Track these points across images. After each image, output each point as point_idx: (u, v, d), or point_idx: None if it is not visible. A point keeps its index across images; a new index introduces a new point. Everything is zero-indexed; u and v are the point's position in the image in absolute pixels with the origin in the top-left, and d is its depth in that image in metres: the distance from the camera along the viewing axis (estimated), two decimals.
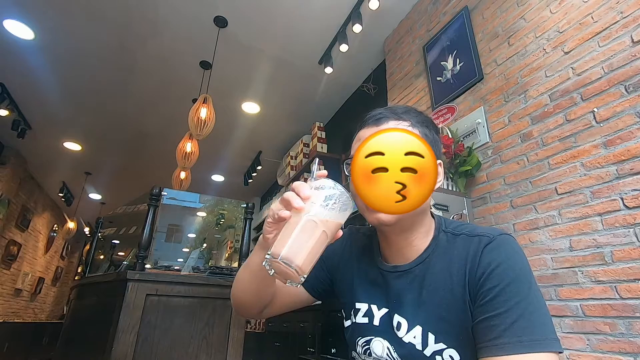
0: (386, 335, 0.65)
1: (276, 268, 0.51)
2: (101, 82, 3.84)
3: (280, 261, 0.49)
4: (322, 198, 0.53)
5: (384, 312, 0.67)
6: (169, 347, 1.52)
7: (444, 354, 0.59)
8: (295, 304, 0.80)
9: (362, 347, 0.69)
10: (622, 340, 1.24)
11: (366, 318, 0.69)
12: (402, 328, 0.63)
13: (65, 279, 9.02)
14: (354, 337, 0.71)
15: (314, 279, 0.78)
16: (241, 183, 5.93)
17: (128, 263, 2.11)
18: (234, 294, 0.73)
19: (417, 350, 0.60)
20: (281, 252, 0.50)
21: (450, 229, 0.66)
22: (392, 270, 0.67)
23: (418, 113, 0.69)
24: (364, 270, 0.73)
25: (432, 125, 0.69)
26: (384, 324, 0.66)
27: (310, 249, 0.51)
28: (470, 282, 0.58)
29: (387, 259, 0.70)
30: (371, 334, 0.68)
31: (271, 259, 0.51)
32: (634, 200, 1.30)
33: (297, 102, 4.12)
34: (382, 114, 0.67)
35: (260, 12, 2.90)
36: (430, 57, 2.53)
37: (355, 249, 0.77)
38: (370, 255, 0.74)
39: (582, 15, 1.61)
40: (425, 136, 0.65)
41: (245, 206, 2.12)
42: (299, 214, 0.52)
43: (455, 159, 1.95)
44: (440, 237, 0.66)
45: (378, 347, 0.66)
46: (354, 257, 0.77)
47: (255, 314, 0.76)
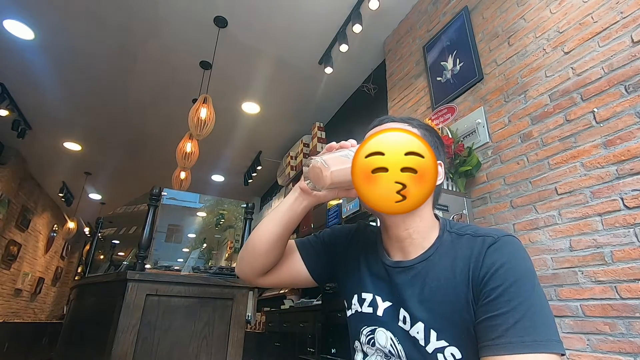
0: (390, 327, 0.66)
1: (314, 169, 0.63)
2: (101, 82, 3.84)
3: (324, 164, 0.62)
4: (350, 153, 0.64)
5: (388, 304, 0.68)
6: (169, 347, 1.52)
7: (446, 351, 0.59)
8: (293, 279, 0.81)
9: (366, 337, 0.69)
10: (622, 341, 1.24)
11: (370, 308, 0.70)
12: (407, 322, 0.64)
13: (65, 279, 9.02)
14: (358, 326, 0.71)
15: (315, 261, 0.80)
16: (241, 183, 5.93)
17: (128, 263, 2.11)
18: (247, 244, 0.76)
19: (420, 345, 0.61)
20: (327, 160, 0.63)
21: (454, 230, 0.67)
22: (394, 265, 0.68)
23: (420, 122, 0.73)
24: (370, 262, 0.75)
25: (433, 130, 0.72)
26: (388, 316, 0.67)
27: (342, 169, 0.61)
28: (474, 281, 0.58)
29: (390, 255, 0.71)
30: (375, 324, 0.68)
31: (321, 162, 0.62)
32: (634, 200, 1.30)
33: (297, 102, 4.12)
34: (385, 120, 0.72)
35: (261, 12, 2.90)
36: (430, 57, 2.53)
37: (362, 243, 0.79)
38: (375, 250, 0.75)
39: (582, 16, 1.61)
40: (425, 137, 0.66)
41: (245, 206, 2.12)
42: (344, 151, 0.65)
43: (455, 159, 1.95)
44: (445, 236, 0.67)
45: (382, 338, 0.66)
46: (360, 249, 0.78)
47: (256, 274, 0.77)
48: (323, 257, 0.81)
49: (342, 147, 0.65)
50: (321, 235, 0.84)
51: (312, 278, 0.81)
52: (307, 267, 0.80)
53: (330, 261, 0.81)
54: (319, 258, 0.81)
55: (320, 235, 0.84)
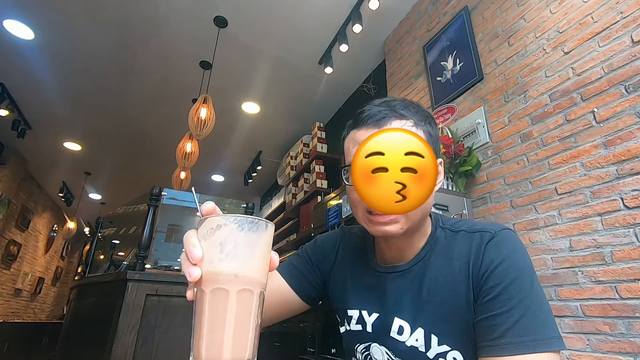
0: (381, 341, 0.64)
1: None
2: (101, 82, 3.84)
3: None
4: (218, 248, 0.39)
5: (375, 317, 0.65)
6: (169, 347, 1.52)
7: (448, 356, 0.58)
8: (288, 313, 0.75)
9: (362, 354, 0.68)
10: (622, 340, 1.24)
11: (359, 325, 0.67)
12: (404, 332, 0.62)
13: (65, 279, 9.02)
14: (352, 344, 0.70)
15: (307, 286, 0.74)
16: (241, 183, 5.93)
17: (128, 263, 2.11)
18: None
19: (420, 352, 0.59)
20: (202, 354, 0.37)
21: (447, 226, 0.66)
22: (390, 271, 0.66)
23: (417, 108, 0.65)
24: (358, 273, 0.71)
25: (433, 121, 0.66)
26: (377, 329, 0.65)
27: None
28: (474, 280, 0.57)
29: (384, 260, 0.68)
30: (368, 340, 0.66)
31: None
32: (634, 200, 1.30)
33: (297, 102, 4.12)
34: (382, 113, 0.62)
35: (260, 12, 2.90)
36: (430, 57, 2.53)
37: (349, 251, 0.75)
38: (364, 257, 0.72)
39: (582, 16, 1.61)
40: (429, 134, 0.63)
41: (245, 206, 2.12)
42: (201, 287, 0.39)
43: (455, 159, 1.95)
44: (438, 233, 0.65)
45: (378, 353, 0.65)
46: (347, 260, 0.74)
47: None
48: (311, 277, 0.75)
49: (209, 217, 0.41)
50: (305, 253, 0.77)
51: (307, 304, 0.75)
52: (298, 294, 0.73)
53: (319, 280, 0.76)
54: (307, 280, 0.75)
55: (303, 254, 0.77)
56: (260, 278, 0.41)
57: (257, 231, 0.41)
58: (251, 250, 0.40)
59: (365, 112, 0.63)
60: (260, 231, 0.41)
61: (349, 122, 0.67)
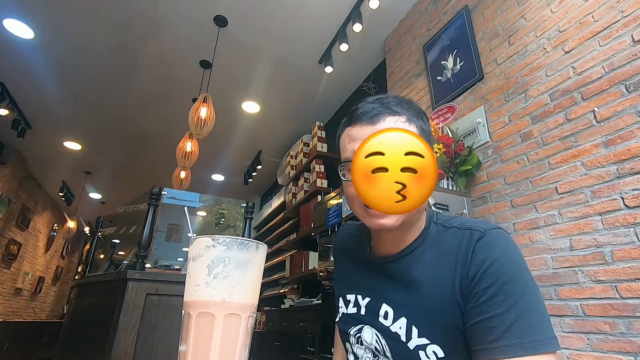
0: (372, 323, 0.66)
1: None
2: (101, 82, 3.84)
3: None
4: (205, 271, 0.38)
5: (367, 300, 0.69)
6: (169, 346, 1.52)
7: (427, 349, 0.58)
8: None
9: (354, 337, 0.70)
10: (623, 340, 1.24)
11: (355, 308, 0.71)
12: (389, 317, 0.63)
13: (66, 278, 9.02)
14: (346, 327, 0.72)
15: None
16: (241, 182, 5.93)
17: (128, 262, 2.12)
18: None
19: (401, 341, 0.60)
20: None
21: (441, 222, 0.66)
22: (381, 261, 0.68)
23: (410, 104, 0.66)
24: (353, 261, 0.77)
25: (425, 116, 0.67)
26: (369, 312, 0.68)
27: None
28: (462, 280, 0.57)
29: (376, 251, 0.71)
30: (360, 322, 0.69)
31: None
32: (634, 199, 1.30)
33: (297, 101, 4.11)
34: (376, 110, 0.62)
35: (260, 11, 2.89)
36: (430, 56, 2.53)
37: (350, 243, 0.81)
38: (359, 246, 0.76)
39: (582, 15, 1.61)
40: (422, 129, 0.64)
41: (245, 206, 2.12)
42: (187, 310, 0.37)
43: (456, 159, 1.95)
44: (431, 228, 0.66)
45: (368, 335, 0.67)
46: (346, 251, 0.80)
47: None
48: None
49: (198, 237, 0.41)
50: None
51: None
52: None
53: None
54: None
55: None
56: (249, 302, 0.39)
57: (248, 253, 0.39)
58: (241, 273, 0.38)
59: (359, 109, 0.64)
60: (250, 253, 0.39)
61: (343, 120, 0.68)
